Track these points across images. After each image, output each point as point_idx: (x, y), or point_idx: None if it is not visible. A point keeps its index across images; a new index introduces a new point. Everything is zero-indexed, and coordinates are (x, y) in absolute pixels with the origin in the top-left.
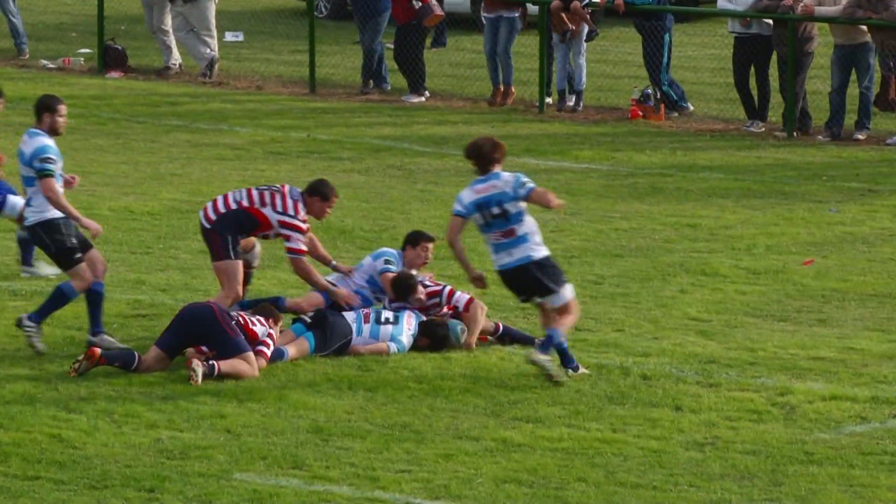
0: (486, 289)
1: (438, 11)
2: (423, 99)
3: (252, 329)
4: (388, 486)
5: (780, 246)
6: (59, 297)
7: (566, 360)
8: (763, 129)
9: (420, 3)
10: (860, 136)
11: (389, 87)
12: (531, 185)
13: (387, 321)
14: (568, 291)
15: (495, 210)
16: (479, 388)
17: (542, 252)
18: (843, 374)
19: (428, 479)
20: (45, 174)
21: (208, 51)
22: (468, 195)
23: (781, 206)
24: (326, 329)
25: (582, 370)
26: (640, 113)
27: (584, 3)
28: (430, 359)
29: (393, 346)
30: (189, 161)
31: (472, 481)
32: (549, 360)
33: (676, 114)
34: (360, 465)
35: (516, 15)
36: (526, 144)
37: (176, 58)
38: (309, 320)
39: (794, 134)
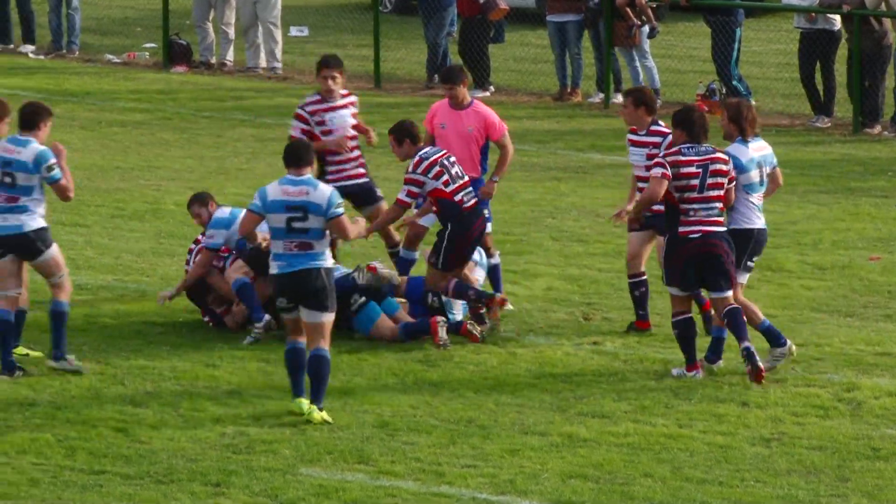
0: None
1: (503, 5)
2: (487, 93)
3: None
4: (454, 482)
5: (846, 241)
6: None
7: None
8: (829, 124)
9: None
10: None
11: None
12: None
13: None
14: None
15: None
16: (545, 383)
17: None
18: None
19: (493, 475)
20: None
21: (274, 46)
22: None
23: (847, 201)
24: None
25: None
26: (706, 108)
27: None
28: (496, 354)
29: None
30: (254, 156)
31: (537, 476)
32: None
33: (733, 99)
34: (425, 460)
35: (581, 17)
36: (591, 140)
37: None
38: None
39: (860, 129)
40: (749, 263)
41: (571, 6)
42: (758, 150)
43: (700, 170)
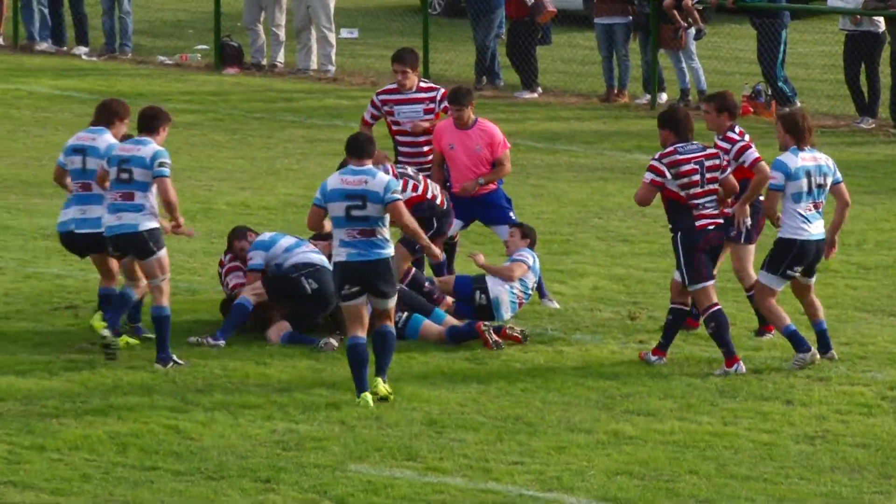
0: None
1: (551, 8)
2: (535, 95)
3: None
4: (501, 478)
5: (890, 241)
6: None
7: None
8: (873, 125)
9: (533, 0)
10: None
11: (502, 83)
12: None
13: None
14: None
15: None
16: (591, 381)
17: None
18: None
19: (540, 471)
20: None
21: (329, 49)
22: None
23: (892, 201)
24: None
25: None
26: (751, 109)
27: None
28: (543, 352)
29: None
30: (304, 156)
31: (584, 473)
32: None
33: (787, 110)
34: (473, 456)
35: (630, 19)
36: (637, 141)
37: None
38: None
39: None
40: (789, 272)
41: (619, 9)
42: (810, 160)
43: (697, 166)
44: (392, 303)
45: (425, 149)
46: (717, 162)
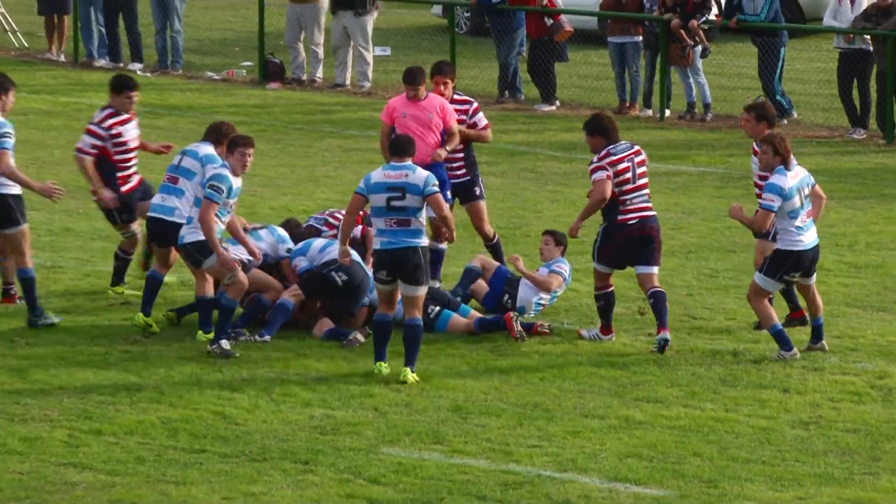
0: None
1: (568, 28)
2: (553, 108)
3: None
4: (521, 460)
5: (879, 243)
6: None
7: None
8: (864, 136)
9: (552, 21)
10: None
11: (523, 97)
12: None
13: None
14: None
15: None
16: (604, 370)
17: None
18: None
19: (557, 454)
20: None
21: (366, 67)
22: None
23: (881, 206)
24: None
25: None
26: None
27: (702, 20)
28: (559, 344)
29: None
30: (341, 164)
31: (597, 456)
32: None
33: (785, 121)
34: (495, 440)
35: (640, 38)
36: (647, 150)
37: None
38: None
39: (893, 140)
40: (786, 277)
41: (630, 28)
42: (796, 177)
43: (629, 164)
44: (421, 291)
45: (459, 154)
46: (644, 158)
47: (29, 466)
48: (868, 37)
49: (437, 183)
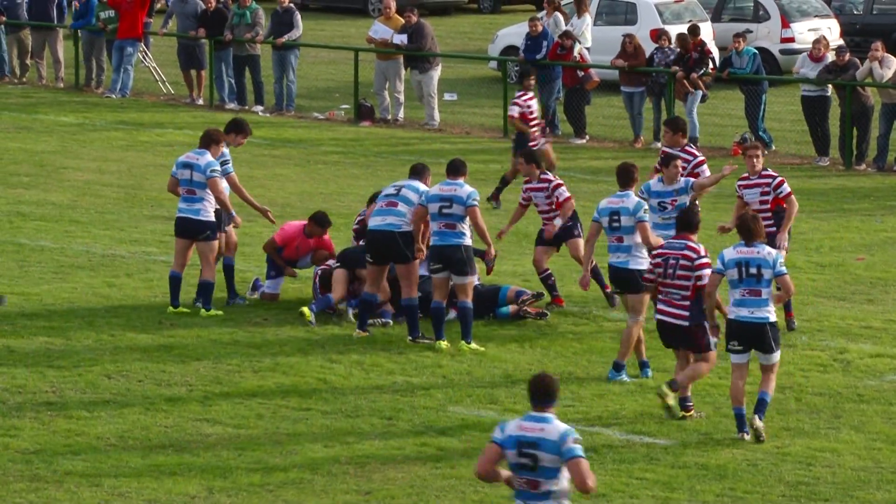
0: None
1: (596, 79)
2: (583, 141)
3: None
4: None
5: (840, 247)
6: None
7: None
8: (828, 162)
9: (583, 73)
10: None
11: (560, 132)
12: None
13: None
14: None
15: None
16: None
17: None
18: (886, 338)
19: (586, 412)
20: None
21: (433, 109)
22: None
23: (841, 218)
24: None
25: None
26: (740, 152)
27: (701, 72)
28: (589, 326)
29: None
30: None
31: (618, 413)
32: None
33: (766, 152)
34: None
35: (643, 89)
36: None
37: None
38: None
39: (851, 166)
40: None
41: (637, 80)
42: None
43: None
44: (468, 279)
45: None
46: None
47: (172, 421)
48: (830, 85)
49: (477, 198)
